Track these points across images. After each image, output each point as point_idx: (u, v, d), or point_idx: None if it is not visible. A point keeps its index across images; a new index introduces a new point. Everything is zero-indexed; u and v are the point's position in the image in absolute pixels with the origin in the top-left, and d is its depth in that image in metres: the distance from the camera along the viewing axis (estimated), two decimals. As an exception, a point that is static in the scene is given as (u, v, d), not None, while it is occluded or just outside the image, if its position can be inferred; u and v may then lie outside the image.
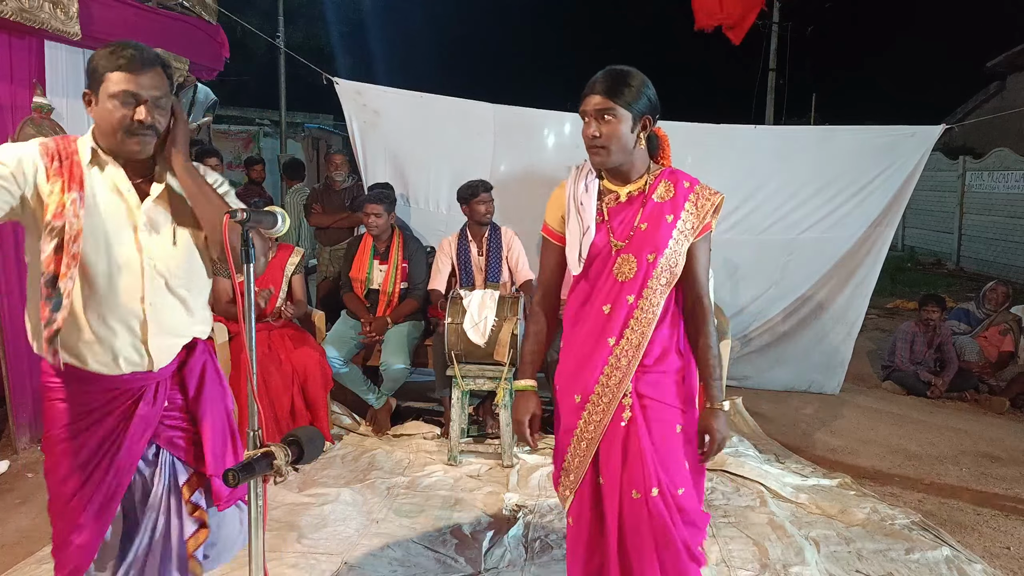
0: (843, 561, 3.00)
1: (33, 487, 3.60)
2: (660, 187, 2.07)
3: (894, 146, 5.17)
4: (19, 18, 3.57)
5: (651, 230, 2.01)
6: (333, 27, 19.76)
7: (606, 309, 2.04)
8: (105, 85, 1.82)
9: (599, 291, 2.06)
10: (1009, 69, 15.27)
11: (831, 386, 5.56)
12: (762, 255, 5.42)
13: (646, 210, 2.03)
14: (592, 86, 1.99)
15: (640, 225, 2.03)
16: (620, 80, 1.96)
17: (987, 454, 4.42)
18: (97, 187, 1.88)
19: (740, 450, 4.24)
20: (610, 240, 2.04)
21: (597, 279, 2.07)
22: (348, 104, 5.12)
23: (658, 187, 2.07)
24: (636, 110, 1.96)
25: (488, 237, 4.43)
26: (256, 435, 1.70)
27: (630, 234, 2.03)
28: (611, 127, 1.95)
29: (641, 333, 2.02)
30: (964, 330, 6.13)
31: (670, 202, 2.04)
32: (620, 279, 2.03)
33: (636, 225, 2.03)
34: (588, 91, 2.00)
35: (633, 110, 1.96)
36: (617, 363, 2.03)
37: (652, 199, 2.04)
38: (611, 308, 2.03)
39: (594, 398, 2.04)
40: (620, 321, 2.02)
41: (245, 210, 1.70)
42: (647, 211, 2.03)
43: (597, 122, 1.96)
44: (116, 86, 1.81)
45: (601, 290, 2.06)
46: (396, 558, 2.93)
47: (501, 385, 3.89)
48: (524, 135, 5.35)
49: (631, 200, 2.07)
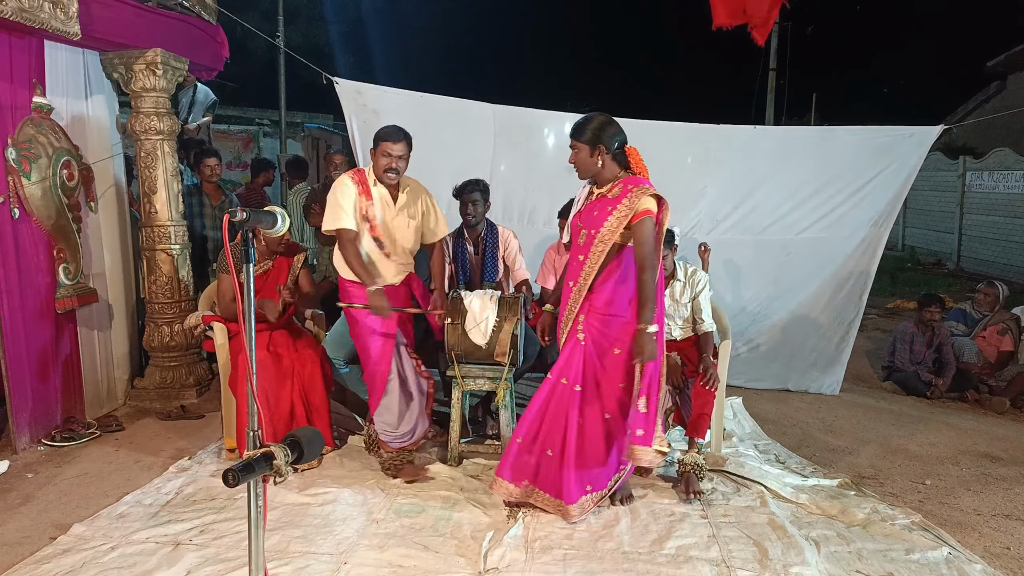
0: (843, 561, 2.99)
1: (33, 487, 3.60)
2: (615, 189, 3.15)
3: (892, 146, 5.17)
4: (19, 18, 3.57)
5: (598, 215, 3.14)
6: (333, 27, 19.75)
7: (573, 265, 3.23)
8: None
9: (572, 255, 3.28)
10: (1009, 69, 15.29)
11: (831, 386, 5.56)
12: (761, 255, 5.43)
13: (600, 204, 3.17)
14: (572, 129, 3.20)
15: (594, 212, 3.17)
16: (579, 125, 3.19)
17: (987, 454, 4.41)
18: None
19: (740, 450, 4.25)
20: (578, 223, 3.26)
21: (573, 247, 3.29)
22: (348, 104, 5.11)
23: (614, 189, 3.16)
24: (587, 142, 3.14)
25: (484, 236, 4.43)
26: (256, 435, 1.70)
27: (588, 219, 3.18)
28: (577, 155, 3.19)
29: (585, 280, 3.17)
30: (961, 331, 6.12)
31: (615, 199, 3.13)
32: (580, 243, 3.21)
33: (592, 213, 3.18)
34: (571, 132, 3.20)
35: (588, 143, 3.14)
36: (574, 297, 3.22)
37: (607, 197, 3.16)
38: (574, 265, 3.22)
39: (564, 319, 3.27)
40: (576, 272, 3.20)
41: (245, 210, 1.70)
42: (600, 204, 3.16)
43: (572, 152, 3.21)
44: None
45: (573, 253, 3.28)
46: (396, 558, 2.93)
47: (501, 385, 3.88)
48: (524, 135, 5.35)
49: (599, 198, 3.20)
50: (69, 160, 4.35)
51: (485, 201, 4.36)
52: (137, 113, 4.81)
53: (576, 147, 3.16)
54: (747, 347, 5.56)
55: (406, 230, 3.71)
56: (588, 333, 3.18)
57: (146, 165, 4.85)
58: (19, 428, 4.01)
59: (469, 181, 4.37)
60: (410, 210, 3.71)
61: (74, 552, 2.94)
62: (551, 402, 3.25)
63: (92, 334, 4.65)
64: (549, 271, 4.50)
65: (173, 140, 4.98)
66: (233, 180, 11.95)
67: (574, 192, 4.29)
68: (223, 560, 2.88)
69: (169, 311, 4.97)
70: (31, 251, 4.08)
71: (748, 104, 15.26)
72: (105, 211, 4.78)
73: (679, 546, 3.08)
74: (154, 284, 4.94)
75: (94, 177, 4.62)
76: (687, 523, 3.29)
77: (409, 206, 3.71)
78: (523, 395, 5.14)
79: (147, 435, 4.38)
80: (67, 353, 4.36)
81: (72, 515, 3.29)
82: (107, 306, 4.81)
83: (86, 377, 4.53)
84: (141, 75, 4.67)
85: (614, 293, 3.15)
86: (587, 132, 3.13)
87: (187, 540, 3.04)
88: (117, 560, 2.88)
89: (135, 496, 3.48)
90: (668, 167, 5.33)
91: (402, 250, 3.74)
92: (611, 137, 3.12)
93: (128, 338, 5.02)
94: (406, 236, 3.74)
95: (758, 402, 5.22)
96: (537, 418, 3.28)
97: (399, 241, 3.72)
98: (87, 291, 4.50)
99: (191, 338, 4.95)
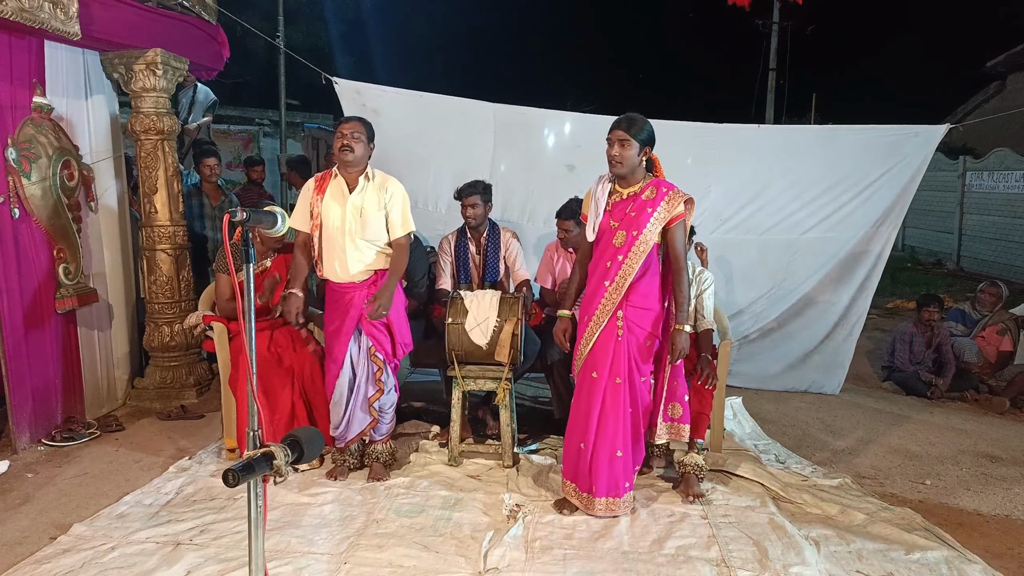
0: (843, 561, 2.99)
1: (33, 487, 3.60)
2: (648, 191, 3.25)
3: (898, 146, 5.15)
4: (19, 18, 3.57)
5: (638, 217, 3.21)
6: (333, 27, 19.71)
7: (608, 264, 3.24)
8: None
9: (603, 253, 3.29)
10: (1009, 69, 15.28)
11: (831, 386, 5.55)
12: (765, 255, 5.41)
13: (635, 204, 3.23)
14: (618, 123, 3.21)
15: (630, 213, 3.23)
16: (635, 121, 3.20)
17: (987, 454, 4.41)
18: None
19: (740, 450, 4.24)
20: (610, 222, 3.27)
21: (603, 246, 3.29)
22: (348, 104, 5.11)
23: (646, 191, 3.25)
24: (640, 141, 3.19)
25: (487, 237, 4.42)
26: (256, 435, 1.70)
27: (622, 218, 3.24)
28: (625, 150, 3.18)
29: (624, 279, 3.21)
30: (960, 331, 6.12)
31: (652, 200, 3.22)
32: (616, 245, 3.23)
33: (627, 213, 3.24)
34: (615, 126, 3.21)
35: (642, 142, 3.19)
36: (609, 296, 3.24)
37: (641, 198, 3.24)
38: (610, 264, 3.24)
39: (595, 317, 3.27)
40: (614, 272, 3.23)
41: (245, 210, 1.70)
42: (636, 205, 3.23)
43: (619, 146, 3.18)
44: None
45: (604, 252, 3.28)
46: (396, 558, 2.93)
47: (502, 385, 3.88)
48: (524, 135, 5.34)
49: (629, 198, 3.27)
50: (69, 160, 4.35)
51: (486, 203, 4.36)
52: (137, 113, 4.81)
53: (627, 143, 3.16)
54: (748, 347, 5.55)
55: (357, 218, 3.51)
56: (627, 327, 3.24)
57: (146, 165, 4.85)
58: (19, 428, 4.01)
59: (469, 183, 4.36)
60: (366, 200, 3.54)
61: (74, 552, 2.94)
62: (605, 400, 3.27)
63: (92, 334, 4.65)
64: (548, 271, 4.50)
65: (173, 140, 4.98)
66: (233, 180, 11.94)
67: (574, 191, 4.29)
68: (223, 560, 2.88)
69: (169, 311, 4.97)
70: (31, 251, 4.08)
71: (748, 104, 15.27)
72: (105, 211, 4.78)
73: (679, 546, 3.08)
74: (154, 284, 4.94)
75: (94, 177, 4.62)
76: (687, 523, 3.29)
77: (367, 196, 3.55)
78: (523, 395, 5.16)
79: (147, 435, 4.38)
80: (67, 353, 4.36)
81: (72, 515, 3.29)
82: (107, 306, 4.81)
83: (86, 377, 4.53)
84: (141, 75, 4.67)
85: (648, 288, 3.26)
86: (644, 131, 3.18)
87: (187, 540, 3.04)
88: (117, 560, 2.88)
89: (135, 496, 3.48)
90: (671, 166, 5.25)
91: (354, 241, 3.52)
92: (655, 140, 3.26)
93: (128, 338, 5.02)
94: (356, 225, 3.51)
95: (758, 402, 5.22)
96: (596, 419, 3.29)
97: (349, 230, 3.51)
98: (87, 291, 4.50)
99: (191, 338, 4.95)
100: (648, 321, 3.26)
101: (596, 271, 3.29)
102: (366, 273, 3.59)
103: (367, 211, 3.54)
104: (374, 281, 3.60)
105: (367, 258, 3.58)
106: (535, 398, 5.18)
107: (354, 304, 3.56)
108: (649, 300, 3.26)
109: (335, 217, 3.54)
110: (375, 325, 3.60)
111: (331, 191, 3.57)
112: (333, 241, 3.55)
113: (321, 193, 3.59)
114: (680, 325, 3.25)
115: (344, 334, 3.60)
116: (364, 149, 3.55)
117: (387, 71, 18.03)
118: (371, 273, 3.60)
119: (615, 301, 3.21)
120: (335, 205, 3.54)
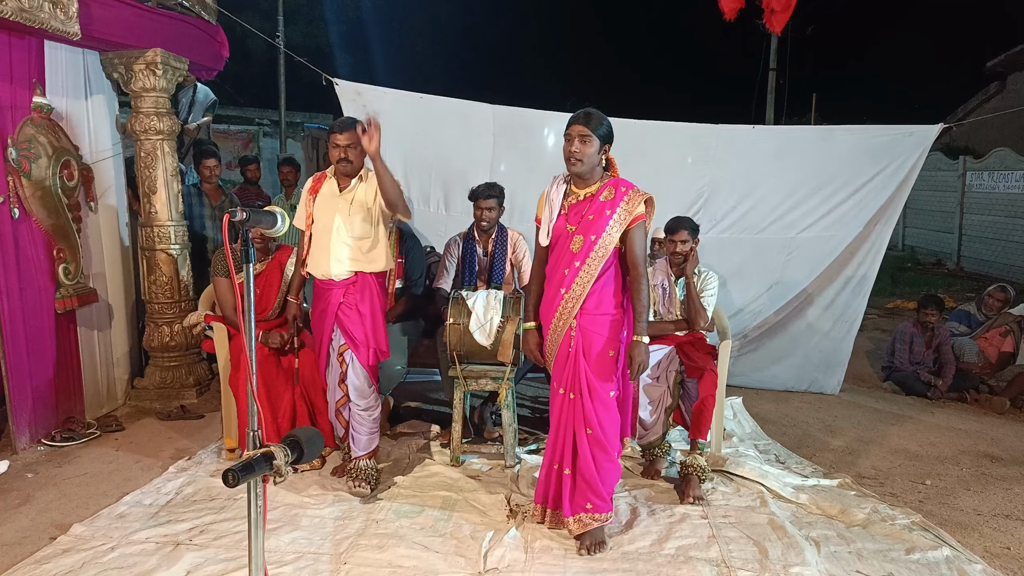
0: (843, 561, 2.99)
1: (33, 487, 3.60)
2: (605, 191, 3.01)
3: (892, 145, 5.17)
4: (19, 18, 3.57)
5: (596, 220, 2.98)
6: (333, 27, 19.72)
7: (565, 272, 3.02)
8: None
9: (559, 259, 3.06)
10: (1009, 69, 15.25)
11: (831, 386, 5.56)
12: (761, 254, 5.42)
13: (593, 206, 3.00)
14: (575, 117, 2.97)
15: (587, 216, 3.00)
16: (593, 116, 2.97)
17: (987, 454, 4.41)
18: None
19: (740, 450, 4.24)
20: (567, 226, 3.05)
21: (559, 251, 3.07)
22: (348, 104, 5.10)
23: (604, 191, 3.01)
24: (600, 137, 2.96)
25: (495, 239, 4.41)
26: (256, 435, 1.70)
27: (579, 221, 3.01)
28: (585, 147, 2.94)
29: (582, 287, 2.99)
30: (964, 332, 6.12)
31: (610, 201, 2.99)
32: (573, 250, 3.00)
33: (585, 215, 3.01)
34: (572, 121, 2.97)
35: (602, 139, 2.97)
36: (565, 306, 3.02)
37: (599, 199, 3.00)
38: (567, 271, 3.01)
39: (552, 326, 3.08)
40: (571, 279, 3.00)
41: (245, 210, 1.70)
42: (593, 207, 3.00)
43: (579, 142, 2.94)
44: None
45: (561, 258, 3.05)
46: (396, 558, 2.93)
47: (504, 385, 3.88)
48: (524, 135, 5.35)
49: (586, 199, 3.03)
50: (69, 160, 4.35)
51: (500, 207, 4.35)
52: (137, 113, 4.81)
53: (587, 139, 2.93)
54: (747, 347, 5.55)
55: (346, 216, 3.51)
56: (581, 335, 3.02)
57: (146, 165, 4.85)
58: (19, 428, 4.01)
59: (487, 184, 4.33)
60: (356, 198, 3.53)
61: (74, 552, 2.94)
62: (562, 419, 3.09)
63: (92, 334, 4.64)
64: None
65: (173, 140, 4.98)
66: (233, 180, 11.93)
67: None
68: (223, 560, 2.88)
69: (169, 311, 4.97)
70: (31, 251, 4.08)
71: (748, 104, 15.25)
72: (105, 211, 4.78)
73: (679, 546, 3.08)
74: (154, 284, 4.94)
75: (94, 177, 4.62)
76: (687, 523, 3.29)
77: (356, 194, 3.54)
78: (524, 395, 5.16)
79: (147, 435, 4.38)
80: (67, 353, 4.36)
81: (72, 515, 3.29)
82: (107, 306, 4.81)
83: (86, 377, 4.53)
84: (141, 75, 4.67)
85: (603, 294, 3.02)
86: (603, 126, 2.96)
87: (187, 540, 3.04)
88: (117, 560, 2.89)
89: (135, 496, 3.48)
90: (668, 167, 5.33)
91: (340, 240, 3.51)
92: (613, 137, 3.03)
93: (128, 338, 5.02)
94: (344, 225, 3.50)
95: (758, 402, 5.22)
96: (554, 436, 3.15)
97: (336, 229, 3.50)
98: (87, 291, 4.50)
99: (191, 338, 4.95)
100: (604, 327, 3.02)
101: (553, 278, 3.07)
102: (348, 272, 3.58)
103: (356, 208, 3.53)
104: (354, 282, 3.58)
105: (351, 257, 3.56)
106: (535, 398, 5.18)
107: (331, 301, 3.57)
108: (605, 305, 3.02)
109: (325, 217, 3.57)
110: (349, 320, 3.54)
111: (323, 192, 3.61)
112: (321, 240, 3.59)
113: (314, 194, 3.64)
114: (639, 336, 2.99)
115: (326, 330, 3.63)
116: (360, 157, 3.54)
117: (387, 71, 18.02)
118: (353, 273, 3.58)
119: (572, 311, 3.00)
120: (326, 206, 3.58)
